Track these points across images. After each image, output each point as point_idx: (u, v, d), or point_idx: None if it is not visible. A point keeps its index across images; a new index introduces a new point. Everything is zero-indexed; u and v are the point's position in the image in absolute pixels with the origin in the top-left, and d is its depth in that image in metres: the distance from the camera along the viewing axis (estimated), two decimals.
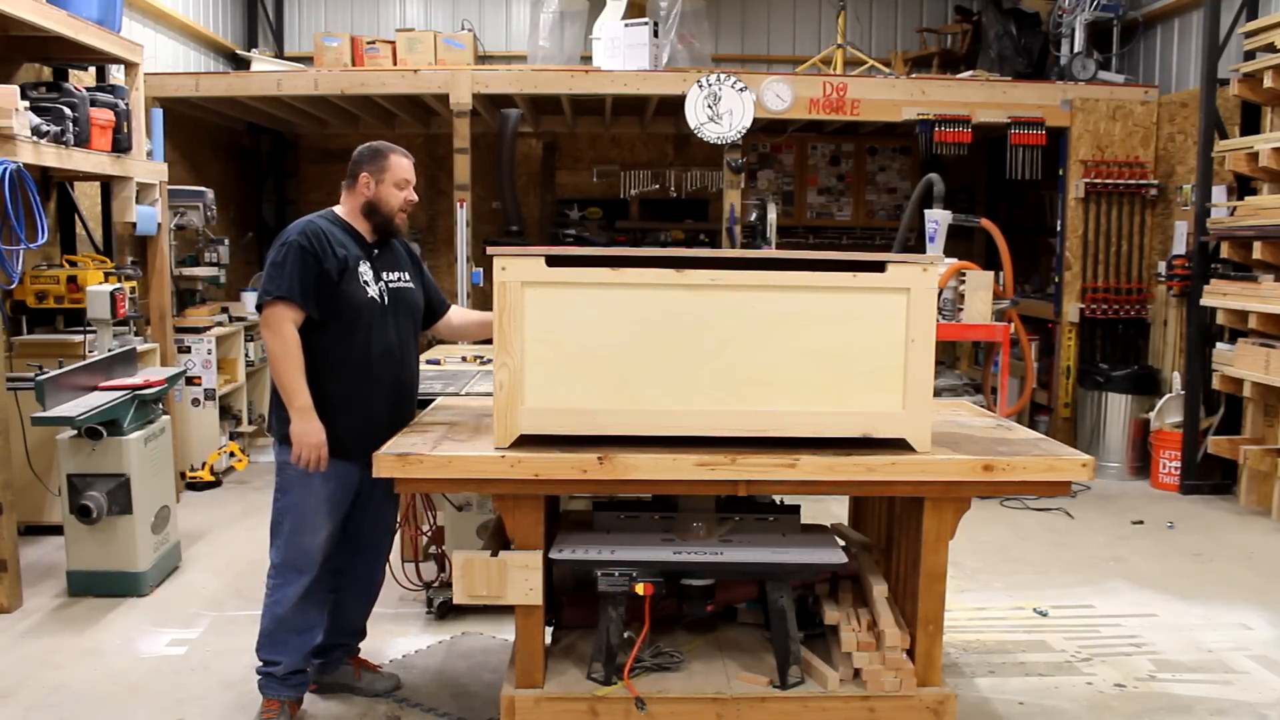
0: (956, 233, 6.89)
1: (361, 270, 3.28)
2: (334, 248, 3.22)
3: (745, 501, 3.18)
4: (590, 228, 9.52)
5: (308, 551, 3.28)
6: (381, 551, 3.61)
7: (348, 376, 3.26)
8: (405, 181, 3.38)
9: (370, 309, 3.28)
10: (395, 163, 3.36)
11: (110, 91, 5.75)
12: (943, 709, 2.93)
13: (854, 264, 2.79)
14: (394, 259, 3.45)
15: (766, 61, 9.39)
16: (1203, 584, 4.96)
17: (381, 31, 9.20)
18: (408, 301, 3.44)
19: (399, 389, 3.41)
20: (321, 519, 3.28)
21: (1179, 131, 7.24)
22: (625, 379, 2.77)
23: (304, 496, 3.26)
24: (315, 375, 3.20)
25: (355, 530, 3.47)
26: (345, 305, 3.23)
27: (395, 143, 3.47)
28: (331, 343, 3.24)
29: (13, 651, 4.00)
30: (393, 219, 3.37)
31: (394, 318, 3.36)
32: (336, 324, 3.23)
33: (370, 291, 3.28)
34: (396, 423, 3.27)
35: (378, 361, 3.30)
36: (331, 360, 3.24)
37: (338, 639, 3.58)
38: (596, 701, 2.90)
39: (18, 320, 5.59)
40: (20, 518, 4.89)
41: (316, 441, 3.17)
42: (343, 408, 3.25)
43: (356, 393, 3.27)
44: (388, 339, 3.33)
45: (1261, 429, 6.37)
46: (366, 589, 3.62)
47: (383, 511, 3.55)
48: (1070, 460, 2.85)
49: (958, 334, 6.20)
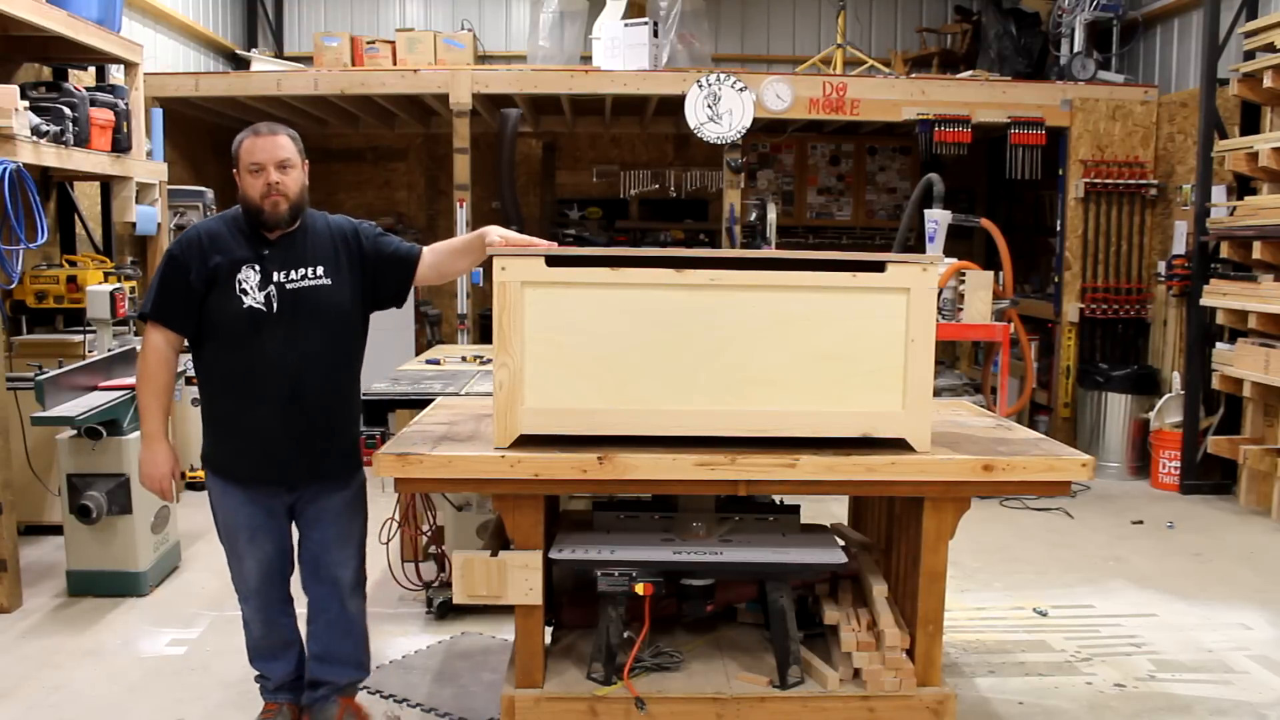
0: (956, 233, 6.89)
1: (241, 276, 2.90)
2: (207, 255, 2.90)
3: (745, 501, 3.18)
4: (590, 228, 9.52)
5: (245, 578, 3.10)
6: (338, 583, 3.17)
7: (232, 395, 2.97)
8: (256, 165, 2.89)
9: (248, 320, 2.91)
10: (245, 148, 2.92)
11: (110, 91, 5.75)
12: (942, 709, 2.93)
13: (854, 264, 2.79)
14: (300, 254, 2.98)
15: (766, 61, 9.39)
16: (1203, 584, 4.96)
17: (381, 31, 9.20)
18: (314, 302, 2.97)
19: (299, 405, 2.97)
20: (243, 545, 3.05)
21: (1179, 131, 7.24)
22: (625, 379, 2.77)
23: (218, 523, 3.09)
24: (202, 395, 3.06)
25: (308, 558, 3.16)
26: (219, 319, 2.91)
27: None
28: (213, 359, 2.98)
29: (12, 651, 4.00)
30: (260, 210, 2.91)
31: (288, 325, 2.94)
32: (214, 340, 2.95)
33: (250, 300, 2.90)
34: (309, 441, 2.99)
35: (263, 377, 2.93)
36: (215, 377, 3.01)
37: (323, 675, 3.24)
38: (596, 701, 2.90)
39: (18, 320, 5.60)
40: (20, 518, 4.89)
41: (157, 473, 3.00)
42: (231, 429, 3.00)
43: (243, 414, 2.97)
44: (277, 351, 2.92)
45: (1261, 429, 6.36)
46: (339, 621, 3.20)
47: (334, 542, 3.14)
48: (1070, 460, 2.85)
49: (958, 334, 6.20)
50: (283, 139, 2.95)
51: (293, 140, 2.99)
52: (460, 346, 6.41)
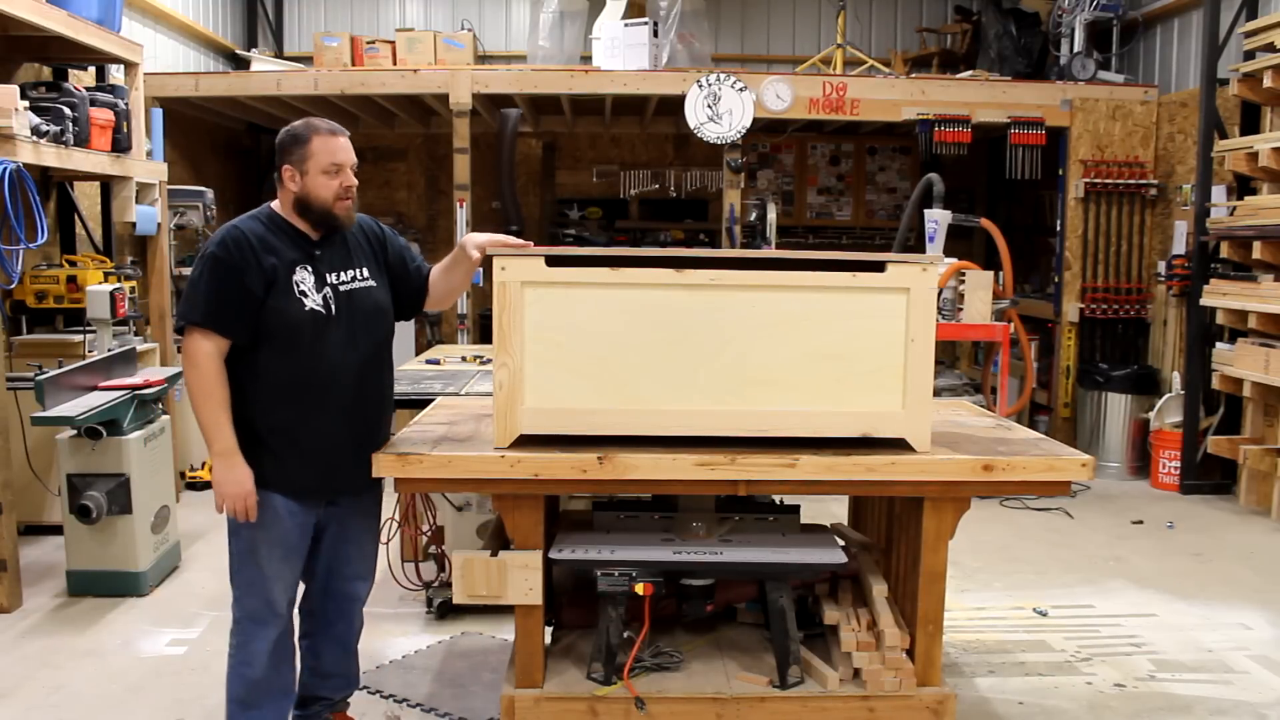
0: (956, 233, 6.89)
1: (298, 278, 2.77)
2: (260, 256, 2.73)
3: (745, 501, 3.18)
4: (590, 228, 9.52)
5: (272, 602, 2.85)
6: (357, 598, 3.11)
7: (291, 405, 2.78)
8: (335, 166, 2.79)
9: (311, 324, 2.77)
10: (320, 146, 2.78)
11: (110, 91, 5.75)
12: (942, 709, 2.93)
13: (854, 264, 2.79)
14: (346, 254, 2.91)
15: (766, 61, 9.39)
16: (1203, 584, 4.96)
17: (381, 31, 9.20)
18: (367, 304, 2.91)
19: (360, 412, 2.89)
20: (277, 564, 2.85)
21: (1179, 131, 7.24)
22: (625, 379, 2.77)
23: (255, 541, 2.82)
24: (254, 405, 2.77)
25: (323, 572, 3.02)
26: (278, 324, 2.74)
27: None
28: (268, 367, 2.77)
29: (12, 651, 4.00)
30: (330, 212, 2.82)
31: (346, 328, 2.84)
32: (270, 346, 2.75)
33: (310, 303, 2.78)
34: (362, 449, 2.84)
35: (326, 385, 2.80)
36: (269, 387, 2.78)
37: (318, 691, 3.15)
38: (596, 701, 2.90)
39: (18, 320, 5.60)
40: (20, 518, 4.89)
41: (240, 491, 2.73)
42: (288, 441, 2.79)
43: (304, 423, 2.79)
44: (338, 356, 2.82)
45: (1261, 429, 6.36)
46: (345, 637, 3.14)
47: (355, 556, 3.05)
48: (1070, 460, 2.85)
49: (958, 334, 6.20)
50: (347, 139, 2.87)
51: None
52: (460, 346, 6.41)
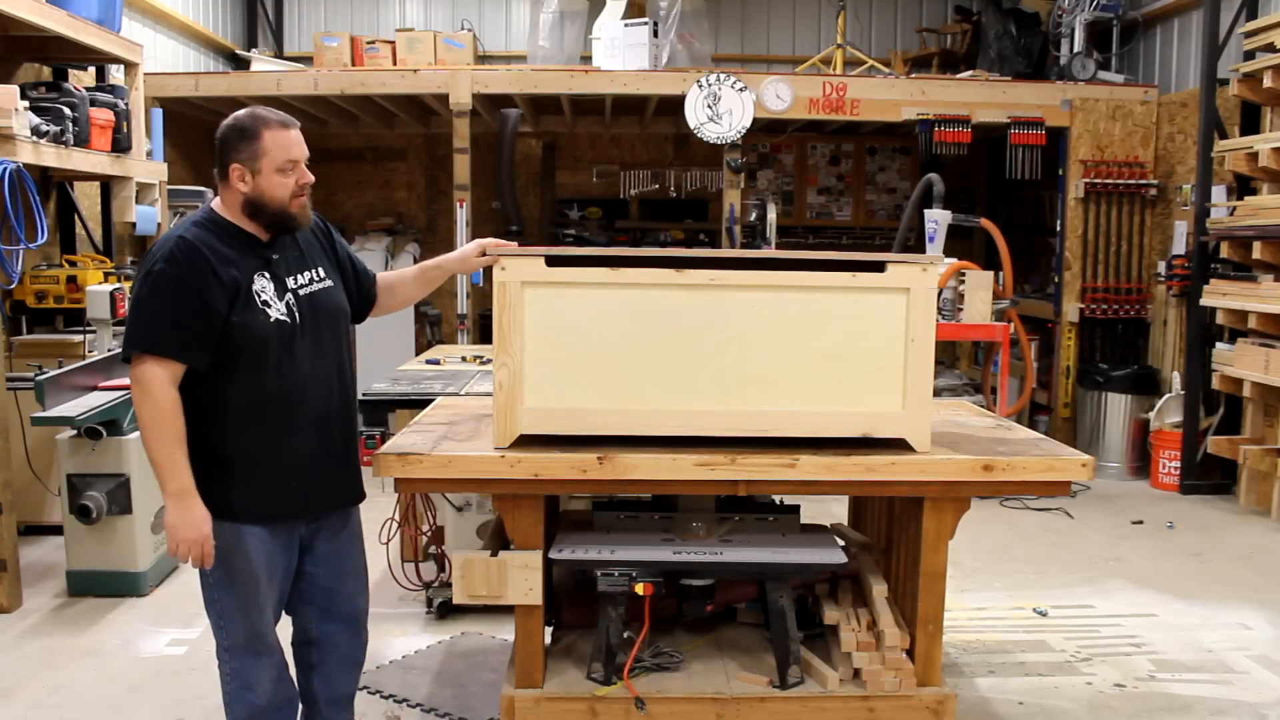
0: (956, 233, 6.89)
1: (258, 288, 2.53)
2: (216, 268, 2.46)
3: (745, 501, 3.18)
4: (590, 228, 9.52)
5: (264, 631, 2.67)
6: (355, 617, 2.92)
7: (260, 425, 2.55)
8: (291, 163, 2.54)
9: (277, 336, 2.54)
10: (273, 142, 2.53)
11: (110, 91, 5.76)
12: (942, 709, 2.93)
13: (854, 264, 2.79)
14: (300, 254, 2.68)
15: (766, 61, 9.39)
16: (1203, 584, 4.97)
17: (381, 31, 9.20)
18: (329, 306, 2.70)
19: (333, 422, 2.70)
20: (263, 593, 2.63)
21: (1179, 131, 7.24)
22: (625, 379, 2.77)
23: (234, 569, 2.59)
24: (217, 430, 2.53)
25: (320, 596, 2.82)
26: (244, 340, 2.49)
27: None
28: (232, 387, 2.52)
29: (12, 651, 4.00)
30: (287, 212, 2.57)
31: (313, 336, 2.63)
32: (235, 364, 2.50)
33: (274, 313, 2.54)
34: (339, 461, 2.72)
35: (297, 399, 2.59)
36: (235, 408, 2.53)
37: (320, 714, 2.96)
38: (596, 701, 2.90)
39: (17, 320, 5.60)
40: (20, 518, 4.89)
41: (197, 536, 2.46)
42: (259, 464, 2.56)
43: (276, 442, 2.57)
44: (307, 366, 2.61)
45: (1261, 429, 6.36)
46: (351, 657, 2.96)
47: (351, 570, 2.87)
48: (1070, 460, 2.85)
49: (958, 334, 6.20)
50: (299, 131, 2.62)
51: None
52: (460, 346, 6.41)
